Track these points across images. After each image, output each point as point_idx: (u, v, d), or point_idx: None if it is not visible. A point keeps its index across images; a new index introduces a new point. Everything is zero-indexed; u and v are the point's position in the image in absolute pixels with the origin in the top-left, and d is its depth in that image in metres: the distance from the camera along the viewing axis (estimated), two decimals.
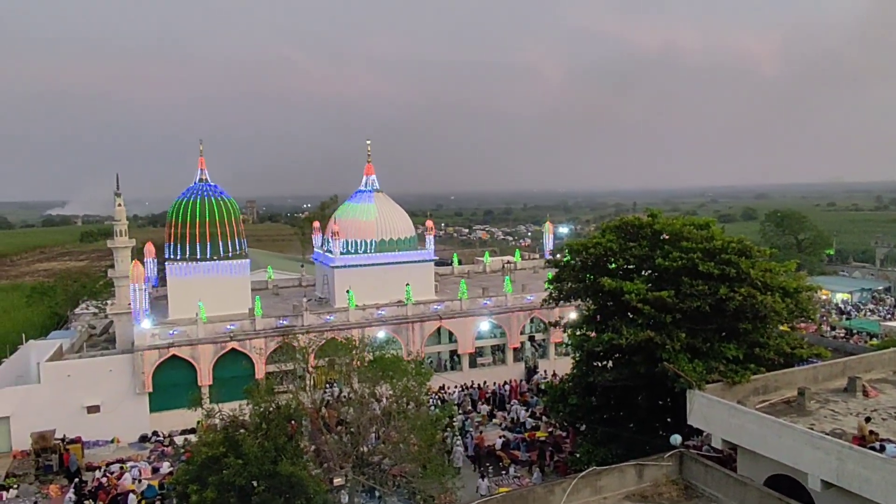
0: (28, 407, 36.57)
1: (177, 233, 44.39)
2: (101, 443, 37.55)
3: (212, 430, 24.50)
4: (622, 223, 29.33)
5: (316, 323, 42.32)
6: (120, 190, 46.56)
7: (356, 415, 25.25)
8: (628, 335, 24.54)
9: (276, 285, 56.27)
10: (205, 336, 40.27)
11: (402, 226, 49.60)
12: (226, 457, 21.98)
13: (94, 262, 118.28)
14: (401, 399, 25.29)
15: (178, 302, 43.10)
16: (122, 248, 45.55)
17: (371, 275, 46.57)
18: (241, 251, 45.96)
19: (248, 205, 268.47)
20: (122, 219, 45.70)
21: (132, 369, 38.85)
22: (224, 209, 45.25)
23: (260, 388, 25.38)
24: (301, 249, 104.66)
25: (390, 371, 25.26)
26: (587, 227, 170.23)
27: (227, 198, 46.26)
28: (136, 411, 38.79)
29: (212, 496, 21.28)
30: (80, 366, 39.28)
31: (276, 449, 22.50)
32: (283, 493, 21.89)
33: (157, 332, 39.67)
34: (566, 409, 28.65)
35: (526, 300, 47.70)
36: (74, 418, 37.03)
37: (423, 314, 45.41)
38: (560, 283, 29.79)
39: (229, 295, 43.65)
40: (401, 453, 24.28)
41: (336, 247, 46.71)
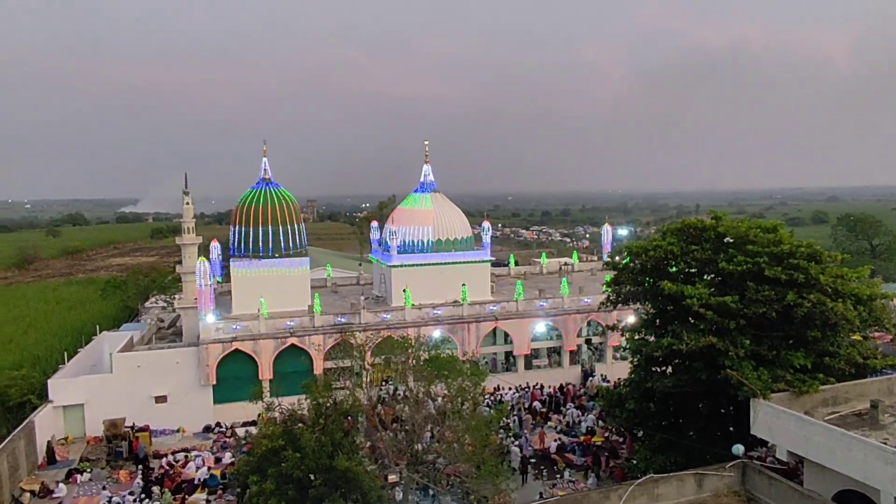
0: (101, 395, 38.36)
1: (241, 230, 45.76)
2: (168, 432, 39.05)
3: (271, 423, 25.13)
4: (684, 225, 28.63)
5: (373, 321, 42.89)
6: (188, 188, 48.27)
7: (411, 413, 25.46)
8: (689, 341, 23.95)
9: (334, 283, 57.28)
10: (266, 331, 41.35)
11: (458, 226, 49.72)
12: (284, 450, 22.53)
13: (163, 257, 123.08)
14: (456, 399, 25.36)
15: (242, 297, 44.38)
16: (190, 245, 47.20)
17: (427, 274, 46.86)
18: (302, 249, 47.00)
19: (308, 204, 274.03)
20: (189, 217, 47.37)
21: (197, 362, 40.25)
22: (286, 207, 46.38)
23: (318, 384, 25.89)
24: (359, 248, 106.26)
25: (445, 370, 25.37)
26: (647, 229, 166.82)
27: (289, 196, 47.39)
28: (201, 402, 40.16)
29: (271, 487, 21.84)
30: (149, 357, 40.98)
31: (333, 444, 22.91)
32: (338, 488, 22.28)
33: (221, 327, 40.97)
34: (623, 415, 28.15)
35: (583, 302, 47.08)
36: (143, 407, 38.67)
37: (478, 314, 45.41)
38: (618, 286, 29.31)
39: (290, 292, 44.68)
40: (455, 453, 24.35)
41: (393, 246, 47.21)
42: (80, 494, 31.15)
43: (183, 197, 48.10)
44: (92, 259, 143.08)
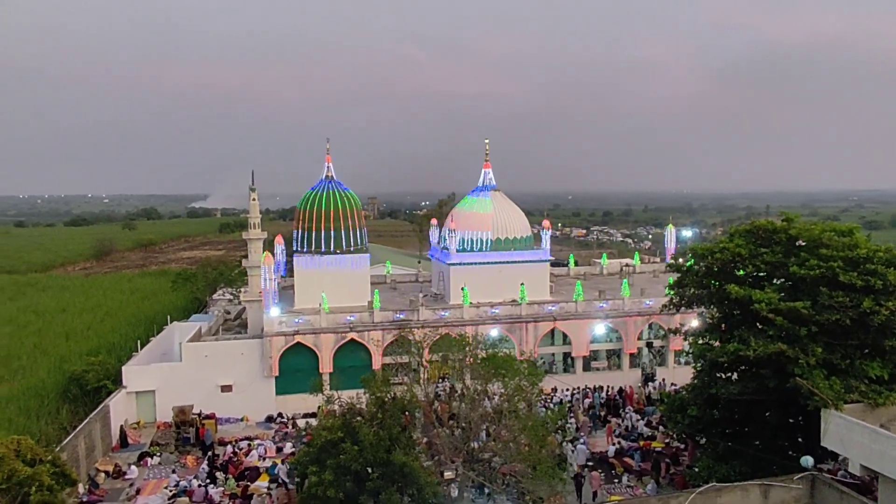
0: (171, 382, 40.00)
1: (304, 226, 46.82)
2: (232, 420, 40.38)
3: (331, 415, 25.67)
4: (753, 227, 27.68)
5: (431, 318, 43.18)
6: (254, 185, 49.77)
7: (468, 411, 25.54)
8: (757, 347, 23.17)
9: (393, 280, 57.94)
10: (327, 326, 42.22)
11: (518, 225, 49.47)
12: (343, 442, 22.99)
13: (230, 251, 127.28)
14: (512, 398, 25.31)
15: (304, 292, 45.42)
16: (255, 240, 48.63)
17: (486, 273, 46.83)
18: (363, 246, 47.74)
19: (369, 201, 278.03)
20: (255, 212, 48.82)
21: (261, 353, 41.45)
22: (347, 205, 47.19)
23: (376, 379, 26.29)
24: (418, 246, 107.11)
25: (503, 369, 25.35)
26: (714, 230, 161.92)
27: (350, 194, 48.20)
28: (264, 393, 41.37)
29: (329, 478, 22.33)
30: (216, 347, 42.47)
31: (391, 438, 23.23)
32: (395, 482, 22.58)
33: (284, 320, 42.07)
34: (685, 421, 27.43)
35: (644, 305, 46.12)
36: (210, 395, 40.10)
37: (537, 314, 45.10)
38: (682, 289, 28.58)
39: (350, 287, 45.46)
40: (511, 452, 24.31)
41: (452, 244, 47.37)
42: (150, 477, 32.59)
43: (250, 193, 49.62)
44: (164, 252, 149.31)
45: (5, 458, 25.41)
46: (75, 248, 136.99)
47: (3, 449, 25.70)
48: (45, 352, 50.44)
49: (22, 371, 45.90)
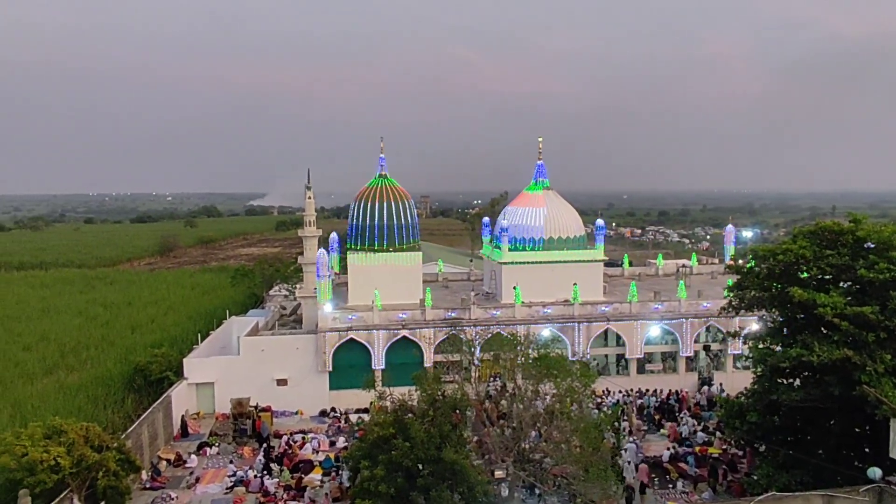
0: (229, 375, 41.21)
1: (357, 224, 47.46)
2: (288, 413, 41.29)
3: (383, 411, 25.97)
4: (818, 228, 26.66)
5: (482, 317, 43.17)
6: (310, 183, 50.73)
7: (519, 410, 25.44)
8: (821, 352, 22.33)
9: (445, 278, 58.15)
10: (379, 322, 42.72)
11: (571, 224, 48.93)
12: (395, 438, 23.25)
13: (286, 248, 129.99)
14: (564, 399, 25.09)
15: (357, 289, 46.05)
16: (311, 238, 49.58)
17: (538, 272, 46.50)
18: (415, 244, 48.08)
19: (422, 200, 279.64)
20: (311, 210, 49.77)
21: (315, 349, 42.26)
22: (400, 203, 47.59)
23: (428, 376, 26.45)
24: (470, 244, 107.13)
25: (554, 370, 25.15)
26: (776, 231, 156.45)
27: (403, 192, 48.60)
28: (318, 387, 42.15)
29: (381, 473, 22.61)
30: (272, 342, 43.51)
31: (441, 436, 23.36)
32: (445, 479, 22.69)
33: (337, 316, 42.77)
34: (744, 427, 26.66)
35: (702, 307, 44.96)
36: (266, 389, 41.14)
37: (589, 315, 44.54)
38: (742, 291, 27.78)
39: (402, 285, 45.85)
40: (562, 454, 24.10)
41: (504, 243, 47.23)
42: (208, 466, 33.66)
43: (305, 191, 50.63)
44: (223, 248, 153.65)
45: (76, 444, 26.70)
46: (141, 245, 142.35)
47: (74, 435, 27.00)
48: (112, 343, 52.56)
49: (90, 361, 47.95)
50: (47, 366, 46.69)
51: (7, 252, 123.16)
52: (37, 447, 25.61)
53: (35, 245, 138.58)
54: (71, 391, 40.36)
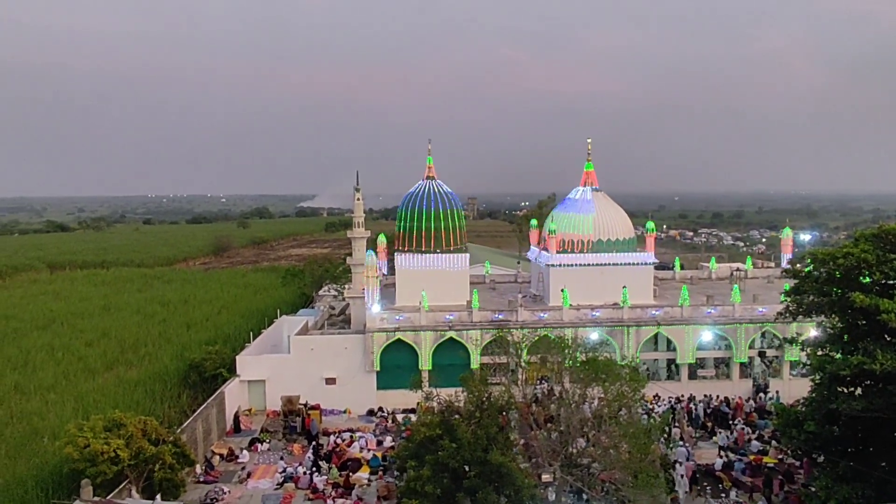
0: (279, 373, 42.06)
1: (405, 226, 47.80)
2: (336, 412, 41.86)
3: (430, 412, 26.11)
4: (882, 231, 25.60)
5: (530, 319, 42.93)
6: (359, 185, 51.35)
7: (566, 414, 25.21)
8: (884, 360, 21.45)
9: (492, 280, 58.04)
10: (426, 323, 42.92)
11: (620, 226, 48.18)
12: (441, 439, 23.33)
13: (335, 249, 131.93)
14: (613, 404, 24.75)
15: (405, 290, 46.36)
16: (359, 239, 50.18)
17: (586, 275, 45.96)
18: (462, 245, 48.14)
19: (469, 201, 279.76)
20: (359, 212, 50.37)
21: (363, 348, 42.74)
22: (447, 204, 47.72)
23: (474, 378, 26.44)
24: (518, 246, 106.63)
25: (603, 374, 24.85)
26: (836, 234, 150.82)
27: (450, 194, 48.71)
28: (366, 387, 42.62)
29: (427, 474, 22.72)
30: (321, 341, 44.20)
31: (488, 438, 23.34)
32: (492, 482, 22.65)
33: (385, 317, 43.16)
34: (801, 436, 25.77)
35: (757, 312, 43.68)
36: (315, 387, 41.81)
37: (639, 318, 43.79)
38: (799, 296, 26.90)
39: (450, 286, 45.95)
40: (611, 459, 23.78)
41: (552, 245, 46.86)
42: (259, 462, 34.41)
43: (354, 193, 51.26)
44: (275, 249, 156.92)
45: (134, 437, 27.68)
46: (196, 245, 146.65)
47: (132, 428, 28.00)
48: (169, 340, 54.36)
49: (148, 357, 49.70)
50: (108, 361, 48.63)
51: (71, 251, 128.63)
52: (98, 439, 26.68)
53: (97, 245, 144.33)
54: (130, 386, 41.90)
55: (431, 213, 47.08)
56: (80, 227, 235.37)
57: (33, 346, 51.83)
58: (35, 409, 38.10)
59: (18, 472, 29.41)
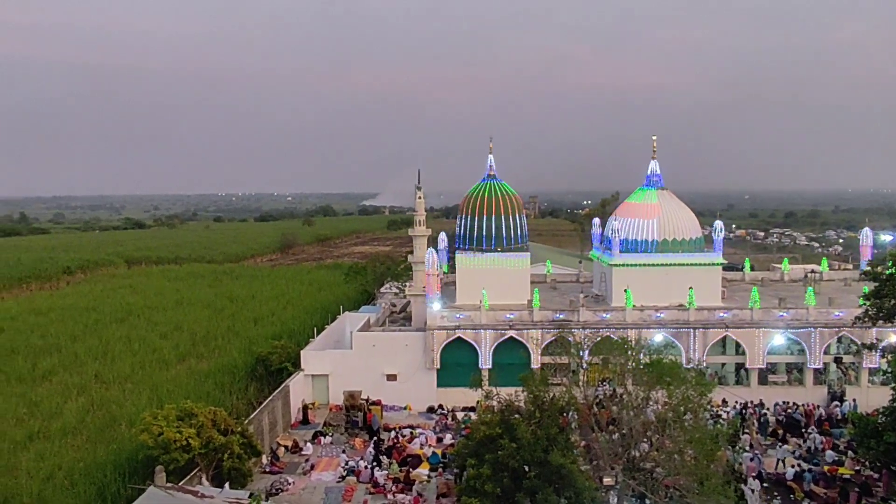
0: (342, 368, 42.90)
1: (466, 224, 47.90)
2: (397, 408, 42.40)
3: (489, 411, 26.10)
4: None
5: (591, 320, 42.34)
6: (420, 184, 51.72)
7: (629, 417, 24.75)
8: None
9: (553, 279, 57.51)
10: (487, 322, 42.92)
11: (687, 225, 46.92)
12: (501, 438, 23.31)
13: (397, 247, 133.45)
14: (677, 408, 24.13)
15: (465, 288, 46.48)
16: (420, 237, 50.55)
17: (651, 275, 44.98)
18: (523, 244, 47.89)
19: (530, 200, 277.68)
20: (421, 210, 50.73)
21: (424, 346, 43.10)
22: (509, 203, 47.57)
23: (535, 378, 26.29)
24: (580, 245, 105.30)
25: (667, 377, 24.26)
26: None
27: (512, 192, 48.54)
28: (426, 384, 42.99)
29: (487, 473, 22.74)
30: (382, 338, 44.83)
31: (548, 438, 23.17)
32: (552, 483, 22.48)
33: (445, 315, 43.39)
34: (880, 447, 24.59)
35: (833, 316, 41.74)
36: (376, 383, 42.45)
37: (706, 321, 42.53)
38: (880, 300, 25.66)
39: (510, 285, 45.80)
40: (675, 464, 23.19)
41: (615, 244, 46.04)
42: (322, 455, 35.19)
43: (415, 191, 51.64)
44: (338, 246, 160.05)
45: (204, 426, 28.77)
46: (263, 242, 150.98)
47: (203, 418, 29.10)
48: (237, 334, 56.19)
49: (218, 350, 51.52)
50: (180, 353, 50.70)
51: (147, 248, 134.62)
52: (171, 428, 27.86)
53: (171, 241, 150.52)
54: (200, 377, 43.54)
55: (492, 212, 47.04)
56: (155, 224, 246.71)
57: (112, 338, 54.55)
58: (113, 397, 40.13)
59: (98, 457, 31.04)
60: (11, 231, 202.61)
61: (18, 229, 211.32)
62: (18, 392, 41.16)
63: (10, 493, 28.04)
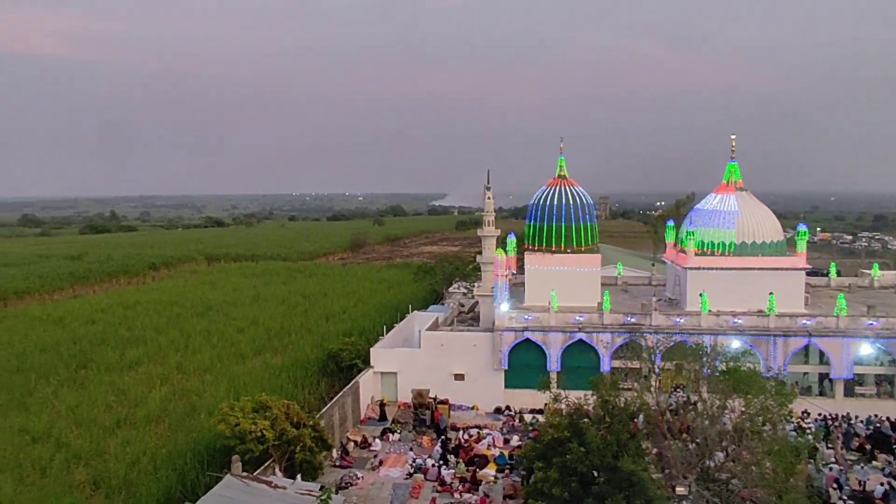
0: (410, 366, 43.34)
1: (535, 225, 47.50)
2: (464, 408, 42.49)
3: (558, 413, 25.84)
4: None
5: (664, 324, 41.20)
6: (489, 184, 51.62)
7: (704, 426, 23.97)
8: None
9: (624, 282, 56.33)
10: (555, 324, 42.44)
11: (767, 228, 44.97)
12: (570, 442, 23.02)
13: (465, 248, 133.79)
14: (755, 418, 23.20)
15: (534, 289, 46.10)
16: (489, 237, 50.46)
17: (728, 279, 43.35)
18: (593, 246, 47.10)
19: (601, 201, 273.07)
20: (490, 210, 50.63)
21: (492, 346, 43.02)
22: (579, 204, 46.87)
23: (605, 382, 25.84)
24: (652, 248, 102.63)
25: (745, 385, 23.38)
26: None
27: (582, 193, 47.81)
28: (493, 385, 42.90)
29: (555, 476, 22.52)
30: (450, 338, 45.01)
31: (619, 444, 22.72)
32: (622, 489, 22.02)
33: (514, 316, 43.17)
34: None
35: None
36: (444, 382, 42.67)
37: (788, 328, 40.65)
38: None
39: (580, 287, 45.11)
40: (753, 476, 22.30)
41: (690, 247, 44.65)
42: (391, 451, 35.67)
43: (484, 192, 51.57)
44: (407, 246, 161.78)
45: (278, 419, 29.69)
46: (335, 241, 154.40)
47: (277, 411, 30.04)
48: (310, 330, 57.69)
49: (291, 345, 53.05)
50: (256, 347, 52.50)
51: (226, 245, 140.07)
52: (247, 419, 28.92)
53: (248, 239, 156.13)
54: (275, 371, 44.95)
55: (562, 213, 46.49)
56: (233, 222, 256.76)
57: (193, 331, 57.07)
58: (193, 387, 41.96)
59: (179, 444, 32.53)
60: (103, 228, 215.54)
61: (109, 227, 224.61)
62: (108, 380, 43.65)
63: (101, 475, 29.76)
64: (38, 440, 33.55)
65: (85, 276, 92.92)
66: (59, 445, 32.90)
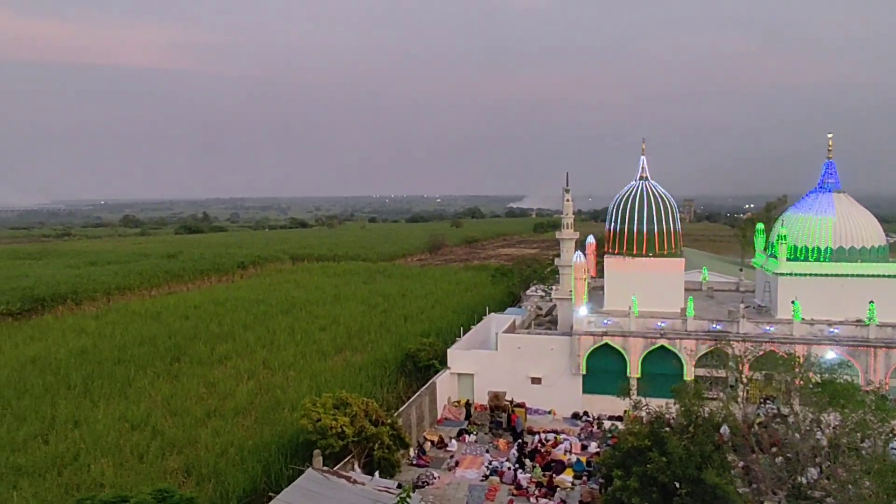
0: (487, 368, 43.35)
1: (616, 228, 46.54)
2: (541, 412, 42.11)
3: (638, 421, 25.22)
4: None
5: (753, 332, 39.44)
6: (569, 186, 50.98)
7: (795, 440, 22.81)
8: None
9: (710, 287, 54.29)
10: (636, 329, 41.41)
11: (867, 232, 42.22)
12: (650, 451, 22.43)
13: (543, 250, 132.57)
14: (853, 433, 21.88)
15: (614, 293, 45.14)
16: (568, 240, 49.84)
17: (823, 286, 41.01)
18: (677, 249, 45.67)
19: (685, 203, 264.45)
20: (569, 213, 50.00)
21: (570, 351, 42.45)
22: (662, 207, 45.58)
23: (688, 390, 25.04)
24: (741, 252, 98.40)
25: (842, 399, 22.12)
26: None
27: (665, 196, 46.47)
28: (571, 389, 42.29)
29: (635, 485, 22.00)
30: (528, 341, 44.70)
31: (702, 455, 21.98)
32: (706, 502, 21.27)
33: (592, 320, 42.43)
34: None
35: None
36: (521, 385, 42.46)
37: (890, 339, 38.04)
38: None
39: (662, 292, 43.84)
40: (850, 496, 21.02)
41: (782, 252, 42.52)
42: (467, 453, 35.84)
43: (563, 194, 50.97)
44: (485, 248, 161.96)
45: (357, 416, 30.40)
46: (414, 242, 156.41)
47: (356, 408, 30.76)
48: (389, 330, 58.67)
49: (370, 344, 54.13)
50: (337, 345, 53.89)
51: (309, 245, 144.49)
52: (328, 415, 29.76)
53: (330, 240, 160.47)
54: (354, 369, 45.99)
55: (644, 215, 45.36)
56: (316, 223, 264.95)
57: (278, 328, 59.22)
58: (278, 383, 43.54)
59: (264, 437, 33.84)
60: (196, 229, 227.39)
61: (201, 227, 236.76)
62: (199, 374, 45.94)
63: (192, 463, 31.37)
64: (137, 427, 35.76)
65: (179, 273, 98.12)
66: (155, 433, 34.93)
